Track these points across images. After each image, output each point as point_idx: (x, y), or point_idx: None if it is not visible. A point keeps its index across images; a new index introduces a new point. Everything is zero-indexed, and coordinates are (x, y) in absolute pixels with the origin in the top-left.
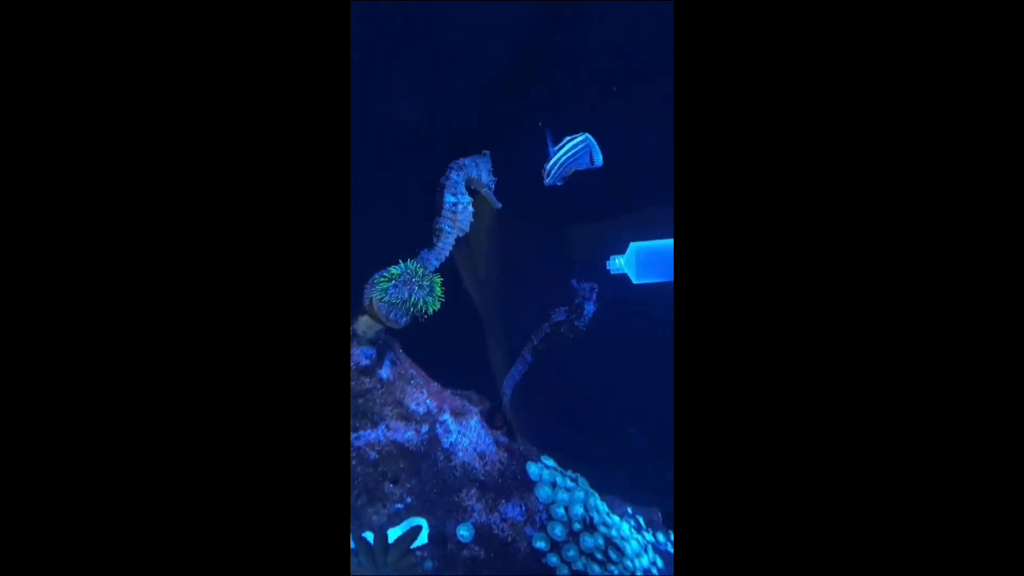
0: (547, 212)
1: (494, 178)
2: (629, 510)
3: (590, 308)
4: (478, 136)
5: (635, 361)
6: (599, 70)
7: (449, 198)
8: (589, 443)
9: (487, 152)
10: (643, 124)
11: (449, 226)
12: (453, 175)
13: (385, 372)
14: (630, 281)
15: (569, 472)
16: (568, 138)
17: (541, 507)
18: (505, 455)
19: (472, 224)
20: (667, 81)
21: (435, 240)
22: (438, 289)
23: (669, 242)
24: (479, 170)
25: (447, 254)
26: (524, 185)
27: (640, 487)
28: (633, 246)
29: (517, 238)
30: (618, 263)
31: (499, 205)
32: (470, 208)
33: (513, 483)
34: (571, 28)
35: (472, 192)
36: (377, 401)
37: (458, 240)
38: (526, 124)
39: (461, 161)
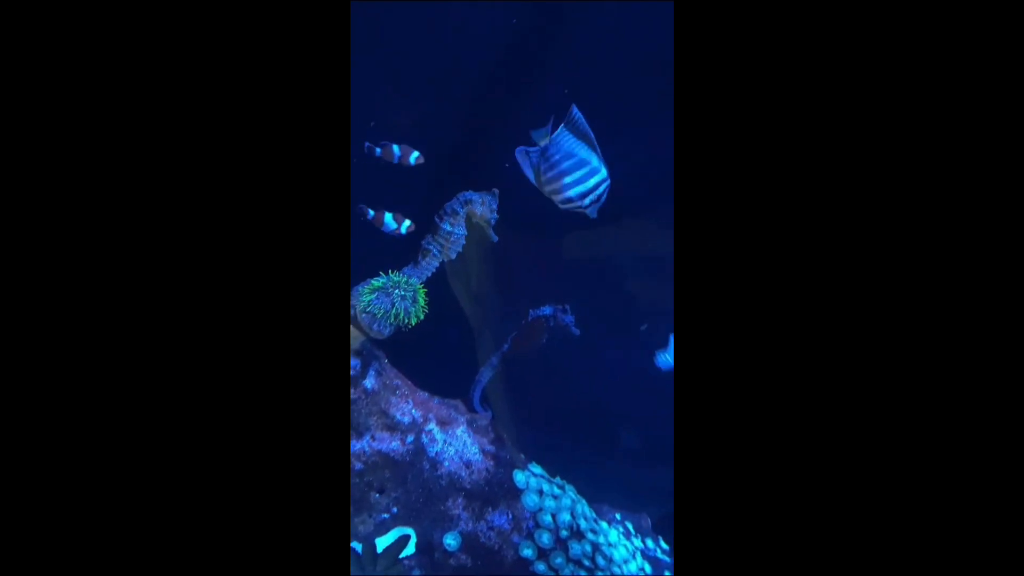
0: (538, 220)
1: (496, 216)
2: (618, 516)
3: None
4: (471, 140)
5: (624, 366)
6: (595, 72)
7: (446, 227)
8: (578, 450)
9: (496, 191)
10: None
11: (437, 250)
12: (459, 207)
13: (370, 382)
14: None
15: (556, 479)
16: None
17: (528, 515)
18: (492, 463)
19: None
20: (665, 85)
21: (420, 258)
22: (421, 300)
23: None
24: (484, 207)
25: (429, 274)
26: (515, 192)
27: (629, 493)
28: (673, 338)
29: (507, 247)
30: (666, 358)
31: (496, 239)
32: (462, 241)
33: (500, 491)
34: (568, 28)
35: (469, 220)
36: (362, 411)
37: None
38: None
39: (469, 195)
